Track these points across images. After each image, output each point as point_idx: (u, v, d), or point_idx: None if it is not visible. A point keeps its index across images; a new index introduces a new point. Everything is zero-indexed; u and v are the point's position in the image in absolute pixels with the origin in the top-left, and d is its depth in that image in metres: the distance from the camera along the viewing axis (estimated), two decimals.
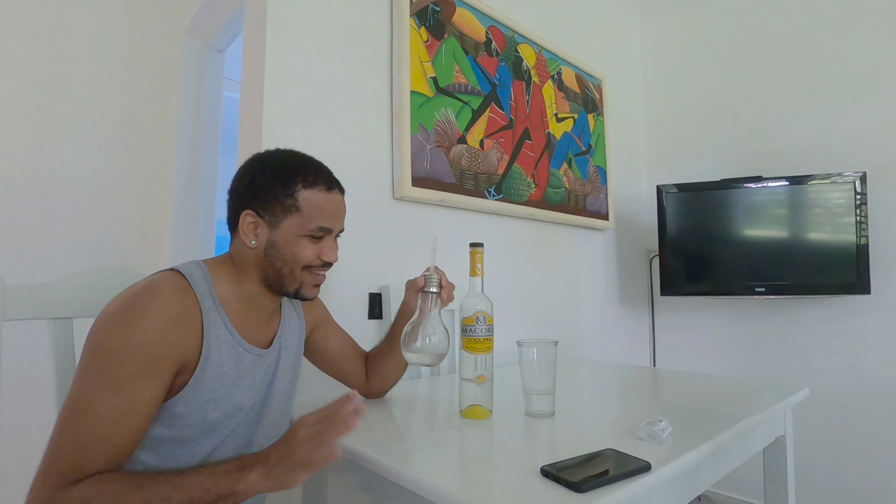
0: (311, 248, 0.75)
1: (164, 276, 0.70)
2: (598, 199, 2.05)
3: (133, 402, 0.60)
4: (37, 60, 1.64)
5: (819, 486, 1.81)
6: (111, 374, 0.59)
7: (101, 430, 0.58)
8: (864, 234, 1.69)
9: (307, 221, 0.74)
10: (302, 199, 0.74)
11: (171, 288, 0.67)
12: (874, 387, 1.74)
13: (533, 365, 0.84)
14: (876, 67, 1.79)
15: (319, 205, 0.75)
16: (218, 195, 1.89)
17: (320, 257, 0.76)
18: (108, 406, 0.59)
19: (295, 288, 0.76)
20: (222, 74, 1.93)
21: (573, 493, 0.52)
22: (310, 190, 0.75)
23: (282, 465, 0.61)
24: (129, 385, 0.60)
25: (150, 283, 0.67)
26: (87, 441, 0.58)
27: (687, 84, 2.30)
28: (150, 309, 0.63)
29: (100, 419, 0.58)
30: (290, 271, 0.75)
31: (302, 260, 0.74)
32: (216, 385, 0.70)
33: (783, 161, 1.98)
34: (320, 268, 0.77)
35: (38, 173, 1.62)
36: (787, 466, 1.06)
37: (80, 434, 0.58)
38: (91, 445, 0.58)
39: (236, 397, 0.73)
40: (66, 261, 1.64)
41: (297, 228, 0.74)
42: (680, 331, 2.25)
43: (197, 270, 0.73)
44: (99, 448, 0.58)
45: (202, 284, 0.71)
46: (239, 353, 0.74)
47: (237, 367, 0.73)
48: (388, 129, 1.35)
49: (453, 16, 1.50)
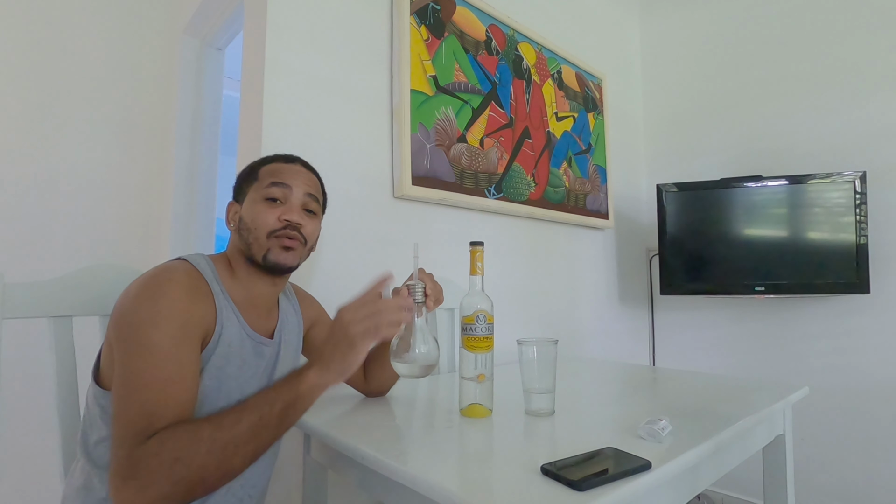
0: (269, 211, 0.76)
1: (174, 262, 0.73)
2: (597, 198, 2.05)
3: (179, 363, 0.63)
4: (35, 59, 1.64)
5: (818, 485, 1.81)
6: (152, 343, 0.61)
7: (162, 392, 0.60)
8: (864, 233, 1.69)
9: (260, 185, 0.78)
10: (261, 171, 0.80)
11: (183, 269, 0.70)
12: (873, 386, 1.74)
13: (533, 364, 0.84)
14: (876, 67, 1.79)
15: (273, 169, 0.80)
16: (218, 194, 1.89)
17: (280, 217, 0.76)
18: (160, 369, 0.61)
19: (262, 254, 0.75)
20: (222, 73, 1.93)
21: (573, 491, 0.52)
22: (269, 165, 0.81)
23: (336, 353, 0.66)
24: (170, 350, 0.62)
25: (163, 266, 0.70)
26: (151, 405, 0.59)
27: (687, 83, 2.30)
28: (172, 282, 0.66)
29: (157, 382, 0.60)
30: (255, 239, 0.76)
31: (262, 223, 0.75)
32: (223, 365, 0.71)
33: (783, 160, 1.98)
34: (282, 230, 0.76)
35: (36, 172, 1.62)
36: (787, 465, 1.06)
37: (143, 400, 0.60)
38: (156, 408, 0.60)
39: (240, 383, 0.74)
40: (65, 260, 1.64)
41: (256, 193, 0.78)
42: (679, 330, 2.25)
43: (203, 261, 0.76)
44: (164, 408, 0.60)
45: (209, 273, 0.74)
46: (244, 338, 0.75)
47: (241, 352, 0.75)
48: (388, 128, 1.35)
49: (453, 14, 1.50)
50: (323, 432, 0.78)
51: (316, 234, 0.83)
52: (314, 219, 0.83)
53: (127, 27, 1.84)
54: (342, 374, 0.66)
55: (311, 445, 0.93)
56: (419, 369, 0.81)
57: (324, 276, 1.16)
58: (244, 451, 0.60)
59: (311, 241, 0.82)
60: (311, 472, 0.95)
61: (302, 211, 0.80)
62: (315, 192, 0.83)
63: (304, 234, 0.79)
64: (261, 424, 0.61)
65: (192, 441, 0.57)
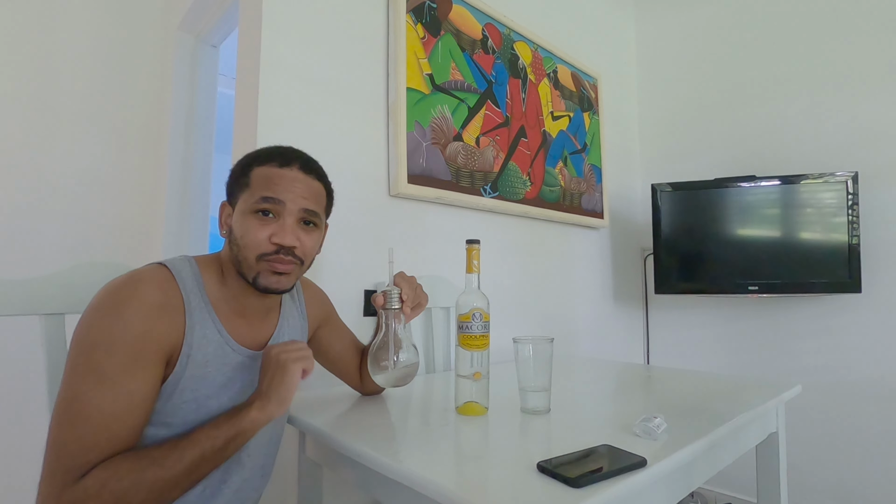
0: (260, 229, 0.68)
1: (148, 268, 0.68)
2: (593, 197, 2.05)
3: (129, 393, 0.60)
4: (27, 54, 1.62)
5: (810, 483, 1.83)
6: (101, 368, 0.58)
7: (102, 425, 0.58)
8: (856, 233, 1.71)
9: (252, 195, 0.69)
10: (253, 175, 0.70)
11: (154, 280, 0.65)
12: (865, 384, 1.76)
13: (529, 362, 0.84)
14: (868, 69, 1.81)
15: (268, 177, 0.70)
16: (212, 192, 1.88)
17: (271, 238, 0.68)
18: (105, 400, 0.58)
19: (252, 276, 0.69)
20: (216, 70, 1.92)
21: (570, 488, 0.53)
22: (261, 167, 0.71)
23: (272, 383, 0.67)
24: (120, 378, 0.59)
25: (132, 275, 0.65)
26: (88, 437, 0.57)
27: (682, 83, 2.31)
28: (132, 300, 0.61)
29: (98, 414, 0.58)
30: (244, 258, 0.69)
31: (252, 242, 0.68)
32: (198, 385, 0.67)
33: (777, 161, 1.99)
34: (274, 254, 0.69)
35: (29, 169, 1.61)
36: (780, 463, 1.07)
37: (81, 431, 0.57)
38: (93, 441, 0.57)
39: (223, 401, 0.70)
40: (56, 257, 1.62)
41: (245, 204, 0.69)
42: (674, 328, 2.26)
43: (185, 266, 0.70)
44: (102, 442, 0.58)
45: (189, 281, 0.69)
46: (226, 353, 0.71)
47: (223, 369, 0.70)
48: (384, 126, 1.34)
49: (450, 13, 1.49)
50: (318, 431, 0.78)
51: (315, 249, 0.76)
52: (313, 232, 0.74)
53: (121, 23, 1.82)
54: (281, 402, 0.67)
55: (307, 444, 0.93)
56: (396, 379, 0.79)
57: (319, 275, 1.16)
58: (184, 485, 0.61)
59: (310, 259, 0.75)
60: (307, 471, 0.95)
61: (297, 227, 0.71)
62: (315, 204, 0.73)
63: (300, 255, 0.71)
64: (202, 459, 0.61)
65: (134, 483, 0.56)
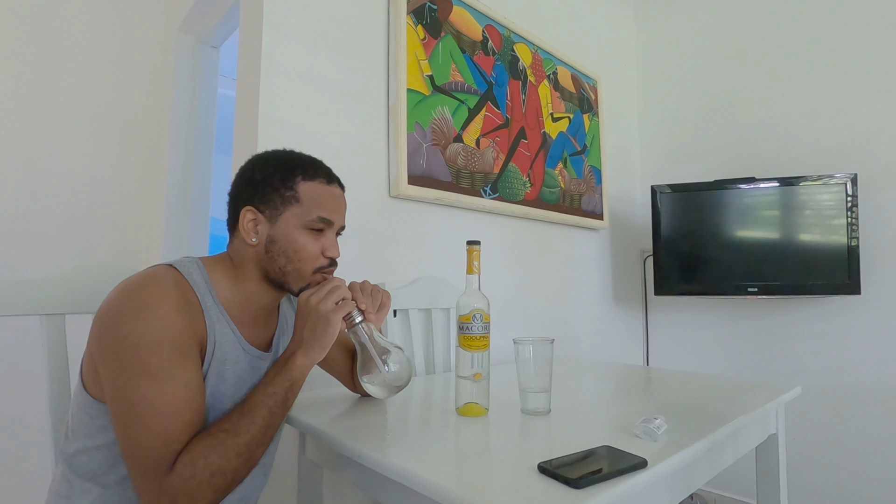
0: (312, 243, 0.74)
1: (161, 269, 0.68)
2: (592, 198, 2.05)
3: (186, 383, 0.62)
4: (29, 56, 1.62)
5: (809, 484, 1.83)
6: (153, 368, 0.60)
7: (173, 417, 0.60)
8: (855, 235, 1.71)
9: (307, 212, 0.73)
10: (302, 190, 0.74)
11: (171, 279, 0.66)
12: (864, 386, 1.76)
13: (529, 363, 0.84)
14: (867, 71, 1.81)
15: (319, 196, 0.75)
16: (212, 193, 1.88)
17: (324, 253, 0.75)
18: (167, 394, 0.60)
19: (300, 286, 0.75)
20: (217, 71, 1.92)
21: (571, 489, 0.52)
22: (309, 182, 0.74)
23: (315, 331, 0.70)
24: (174, 371, 0.61)
25: (150, 275, 0.66)
26: (166, 432, 0.59)
27: (681, 85, 2.31)
28: (162, 298, 0.63)
29: (169, 409, 0.60)
30: (295, 269, 0.73)
31: (306, 256, 0.73)
32: (217, 382, 0.70)
33: (776, 162, 2.00)
34: (327, 267, 0.76)
35: (29, 170, 1.61)
36: (780, 464, 1.07)
37: (157, 428, 0.59)
38: (171, 433, 0.60)
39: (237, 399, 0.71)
40: (57, 258, 1.62)
41: (297, 220, 0.73)
42: (673, 330, 2.26)
43: (194, 268, 0.71)
44: (179, 431, 0.60)
45: (200, 283, 0.70)
46: (239, 352, 0.73)
47: (236, 367, 0.72)
48: (385, 127, 1.35)
49: (450, 14, 1.50)
50: (318, 431, 0.78)
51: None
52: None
53: (121, 24, 1.82)
54: (324, 348, 0.71)
55: (307, 445, 0.93)
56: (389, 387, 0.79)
57: None
58: (264, 442, 0.65)
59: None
60: (307, 472, 0.95)
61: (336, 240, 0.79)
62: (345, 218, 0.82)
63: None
64: (271, 414, 0.66)
65: (221, 454, 0.61)
